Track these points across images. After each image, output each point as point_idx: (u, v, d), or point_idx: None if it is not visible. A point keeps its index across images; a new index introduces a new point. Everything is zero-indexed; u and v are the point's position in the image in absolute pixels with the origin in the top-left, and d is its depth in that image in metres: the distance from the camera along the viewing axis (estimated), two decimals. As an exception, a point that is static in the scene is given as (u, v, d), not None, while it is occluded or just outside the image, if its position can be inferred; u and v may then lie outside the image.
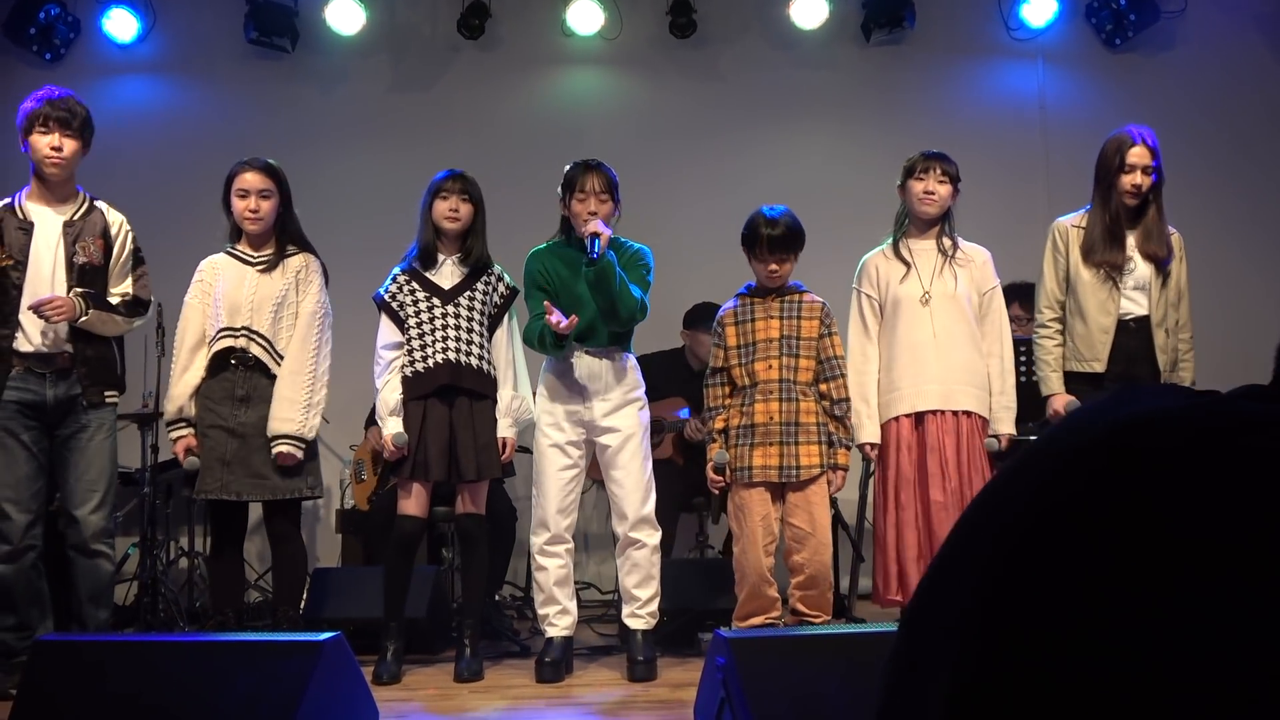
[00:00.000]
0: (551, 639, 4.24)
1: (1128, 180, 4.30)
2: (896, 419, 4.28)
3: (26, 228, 4.04)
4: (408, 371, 4.21)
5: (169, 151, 6.55)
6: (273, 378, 4.15)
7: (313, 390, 4.19)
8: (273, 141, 5.97)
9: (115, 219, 4.20)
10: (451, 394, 4.18)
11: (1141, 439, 1.03)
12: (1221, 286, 6.03)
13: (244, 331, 4.14)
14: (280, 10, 6.61)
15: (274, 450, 4.09)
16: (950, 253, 4.37)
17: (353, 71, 6.82)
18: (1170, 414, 1.09)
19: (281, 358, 4.17)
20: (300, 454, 4.13)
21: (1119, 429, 1.10)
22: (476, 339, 4.21)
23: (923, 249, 4.40)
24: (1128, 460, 0.98)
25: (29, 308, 3.93)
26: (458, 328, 4.20)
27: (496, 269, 4.36)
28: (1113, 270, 4.31)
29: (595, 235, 4.04)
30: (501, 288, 4.34)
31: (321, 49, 6.73)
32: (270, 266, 4.22)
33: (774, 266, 4.23)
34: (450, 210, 4.22)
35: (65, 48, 6.70)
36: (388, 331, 4.26)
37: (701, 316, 5.19)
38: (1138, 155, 4.31)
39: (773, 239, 4.21)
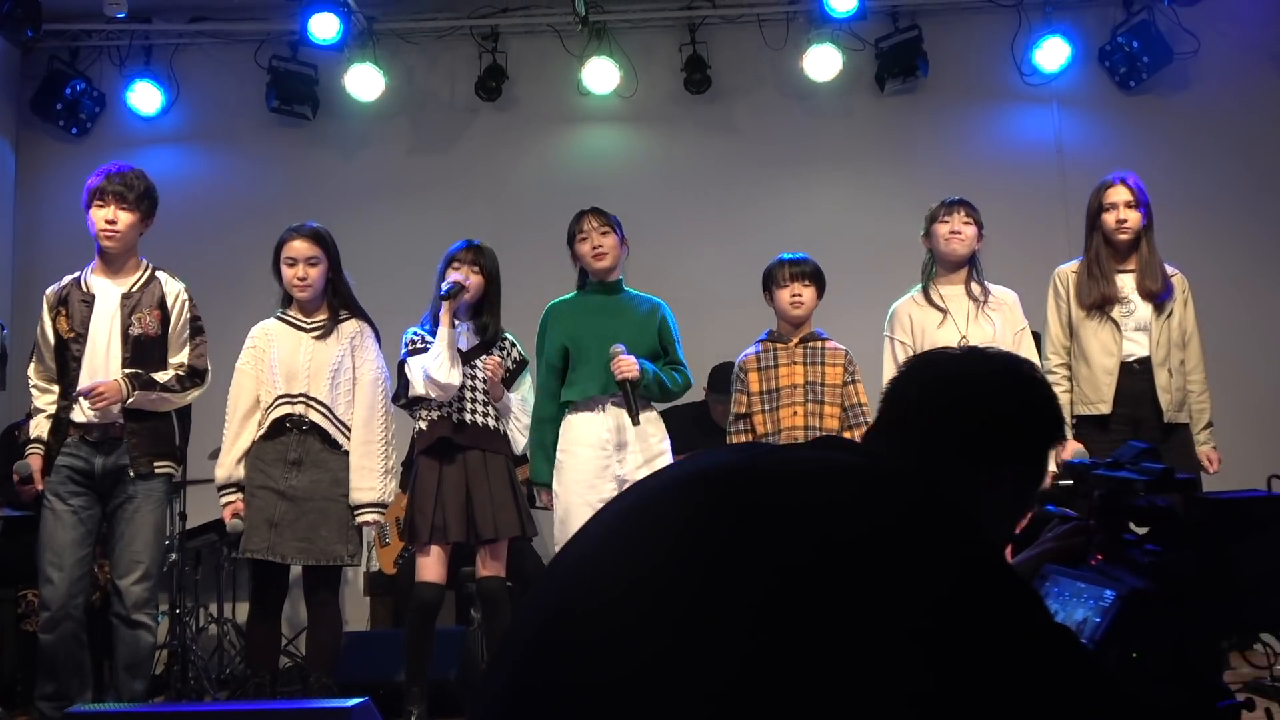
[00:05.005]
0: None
1: (1110, 218, 4.38)
2: None
3: (89, 300, 4.11)
4: (421, 424, 4.23)
5: (195, 221, 6.62)
6: (329, 442, 4.17)
7: (386, 456, 4.24)
8: (296, 207, 6.03)
9: (173, 289, 4.24)
10: (462, 451, 4.18)
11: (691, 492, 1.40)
12: (1245, 325, 5.99)
13: (302, 398, 4.16)
14: (301, 79, 6.72)
15: (358, 519, 4.14)
16: (982, 299, 4.39)
17: (373, 136, 6.90)
18: (710, 469, 1.43)
19: (340, 423, 4.19)
20: (383, 521, 4.16)
21: (686, 481, 1.44)
22: (480, 398, 4.22)
23: (954, 294, 4.41)
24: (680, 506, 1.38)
25: (76, 394, 3.99)
26: (473, 389, 4.22)
27: (509, 338, 4.38)
28: (1106, 306, 4.32)
29: (628, 381, 4.11)
30: (515, 353, 4.36)
31: (342, 115, 6.82)
32: (325, 333, 4.25)
33: (797, 289, 4.25)
34: (460, 281, 4.24)
35: (91, 122, 6.82)
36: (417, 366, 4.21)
37: (723, 377, 5.18)
38: (1115, 194, 4.39)
39: (794, 270, 4.28)
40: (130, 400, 4.03)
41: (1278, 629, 1.59)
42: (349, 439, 4.19)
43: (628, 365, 4.09)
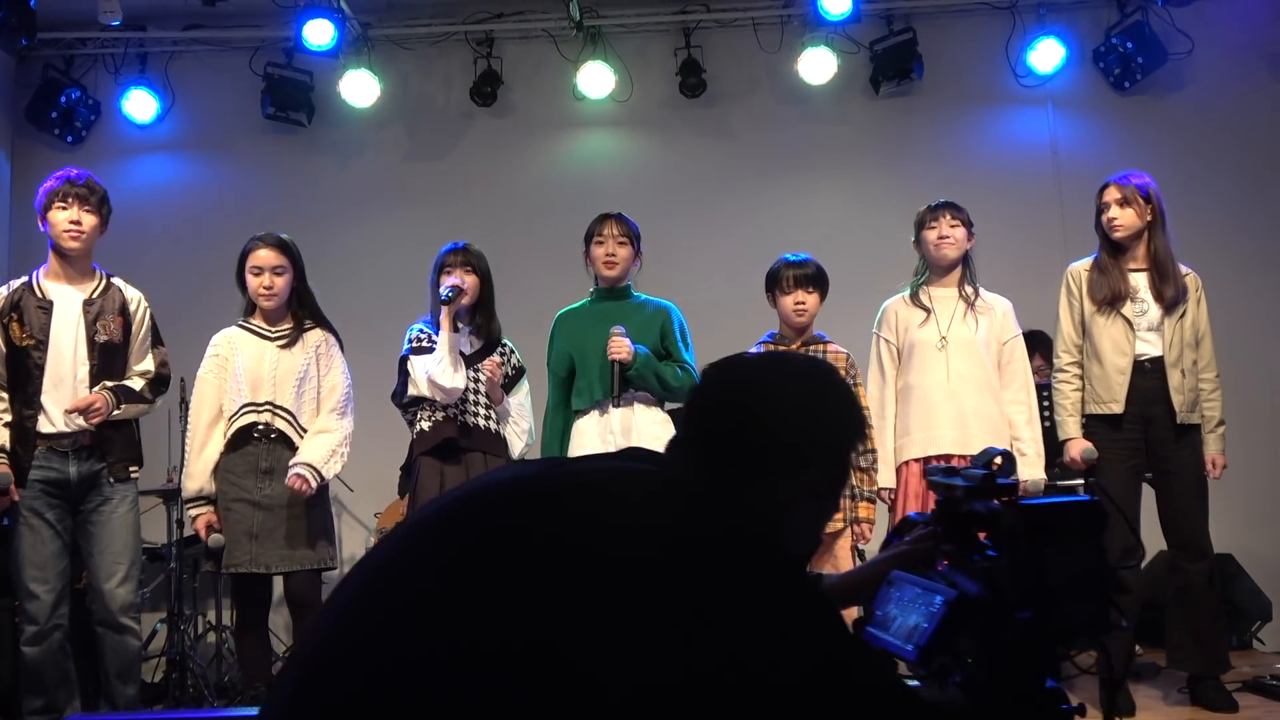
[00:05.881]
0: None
1: (1104, 220, 4.41)
2: (907, 464, 4.29)
3: (46, 306, 4.07)
4: (424, 425, 4.22)
5: (191, 228, 6.63)
6: (295, 450, 4.14)
7: (340, 443, 4.19)
8: (292, 214, 6.05)
9: (133, 295, 4.23)
10: (464, 453, 4.18)
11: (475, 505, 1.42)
12: (1236, 325, 5.99)
13: (267, 406, 4.14)
14: (296, 85, 6.72)
15: (289, 474, 4.02)
16: (971, 300, 4.39)
17: (369, 143, 6.90)
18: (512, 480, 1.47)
19: (304, 430, 4.17)
20: (312, 485, 4.05)
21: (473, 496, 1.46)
22: (483, 401, 4.22)
23: (943, 296, 4.42)
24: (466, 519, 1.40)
25: (67, 411, 3.97)
26: (475, 393, 4.21)
27: (508, 344, 4.39)
28: (1118, 302, 4.32)
29: (618, 361, 4.09)
30: (514, 360, 4.37)
31: (337, 122, 6.82)
32: (290, 341, 4.23)
33: (800, 296, 4.26)
34: (458, 285, 4.24)
35: (86, 130, 6.81)
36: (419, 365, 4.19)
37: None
38: (1106, 194, 4.43)
39: (798, 275, 4.27)
40: (116, 413, 4.04)
41: (1079, 637, 1.58)
42: None
43: (618, 345, 4.10)
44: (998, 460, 1.70)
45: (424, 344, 4.22)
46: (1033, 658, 1.52)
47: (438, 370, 4.08)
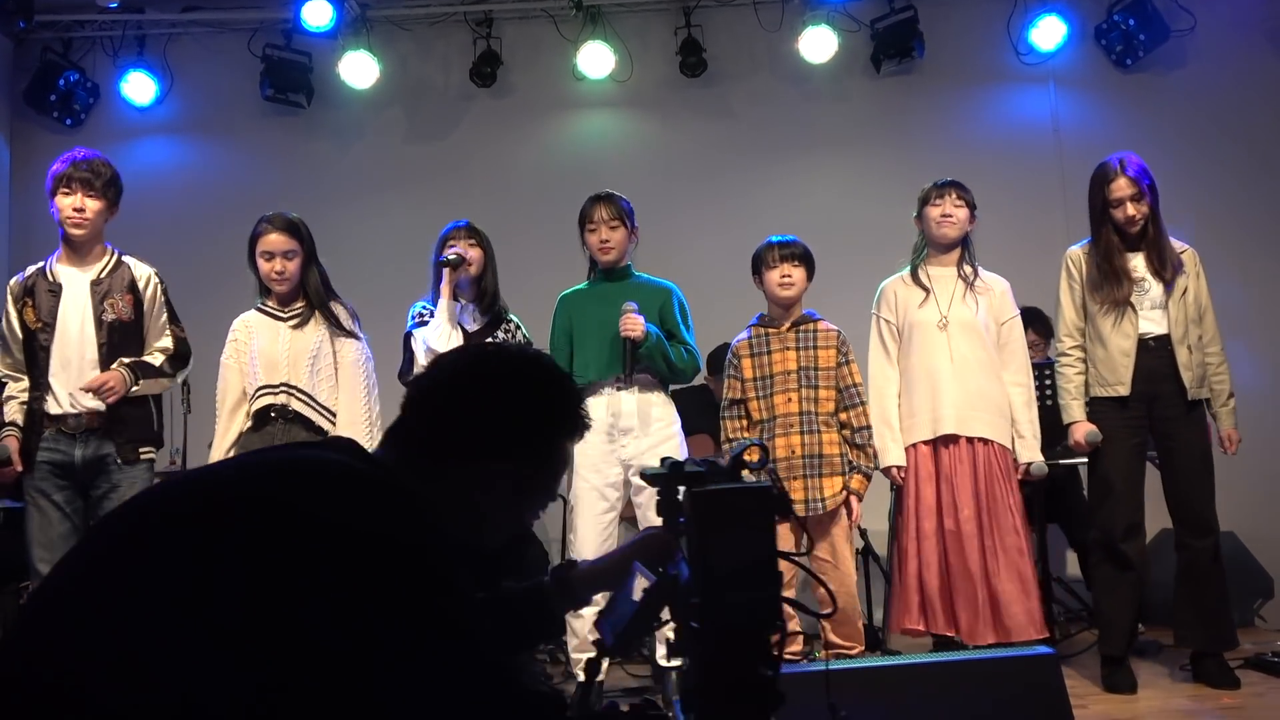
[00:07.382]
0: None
1: (1118, 214, 4.30)
2: (915, 445, 4.28)
3: (55, 290, 4.09)
4: None
5: (190, 211, 6.62)
6: (314, 429, 4.12)
7: (371, 438, 4.16)
8: (292, 196, 6.01)
9: (143, 273, 4.22)
10: None
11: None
12: (1240, 303, 5.99)
13: (283, 387, 4.12)
14: (295, 67, 6.70)
15: None
16: (970, 280, 4.38)
17: (368, 124, 6.89)
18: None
19: (323, 408, 4.14)
20: None
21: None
22: None
23: (942, 275, 4.41)
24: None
25: (82, 388, 3.97)
26: None
27: (514, 320, 4.38)
28: (1123, 302, 4.29)
29: (629, 339, 4.11)
30: (519, 336, 4.37)
31: (337, 103, 6.80)
32: (303, 321, 4.20)
33: (786, 270, 4.26)
34: (460, 253, 4.25)
35: (85, 113, 6.81)
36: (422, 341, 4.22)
37: (722, 360, 5.18)
38: (1120, 188, 4.28)
39: (783, 252, 4.29)
40: (135, 389, 4.03)
41: (748, 626, 1.54)
42: (333, 424, 4.15)
43: (632, 323, 4.11)
44: (753, 451, 1.70)
45: (426, 319, 4.24)
46: (718, 644, 1.50)
47: (434, 336, 4.10)
